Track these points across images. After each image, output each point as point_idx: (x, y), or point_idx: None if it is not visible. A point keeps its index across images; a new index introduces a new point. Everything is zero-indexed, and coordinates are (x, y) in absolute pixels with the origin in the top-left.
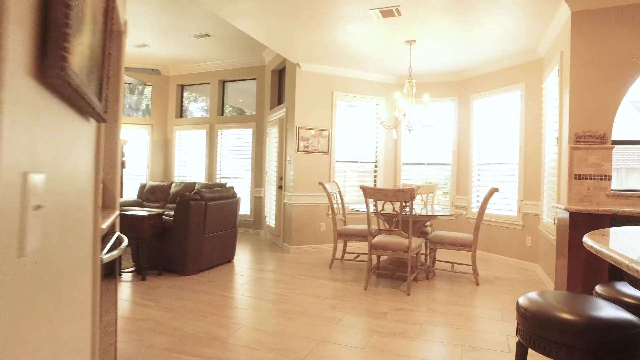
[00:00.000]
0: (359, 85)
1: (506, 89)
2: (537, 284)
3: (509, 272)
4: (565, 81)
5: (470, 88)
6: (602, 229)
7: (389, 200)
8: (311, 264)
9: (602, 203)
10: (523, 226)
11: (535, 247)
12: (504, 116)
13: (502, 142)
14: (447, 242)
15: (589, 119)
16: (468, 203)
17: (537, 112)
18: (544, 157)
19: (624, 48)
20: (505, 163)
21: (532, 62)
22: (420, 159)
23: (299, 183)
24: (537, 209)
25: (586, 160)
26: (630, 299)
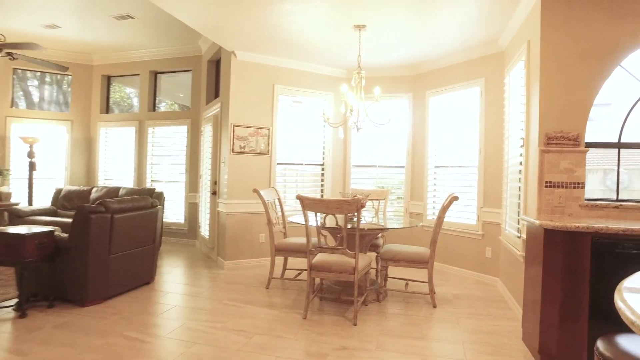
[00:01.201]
0: (304, 79)
1: (465, 84)
2: (499, 303)
3: (468, 288)
4: (533, 74)
5: (426, 83)
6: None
7: (331, 213)
8: (246, 284)
9: (576, 215)
10: (483, 236)
11: (495, 259)
12: (462, 114)
13: (460, 143)
14: (400, 258)
15: (561, 118)
16: (423, 210)
17: (499, 110)
18: (506, 161)
19: (600, 36)
20: (464, 166)
21: (493, 55)
22: (372, 161)
23: (234, 188)
24: (498, 218)
25: (558, 165)
26: None
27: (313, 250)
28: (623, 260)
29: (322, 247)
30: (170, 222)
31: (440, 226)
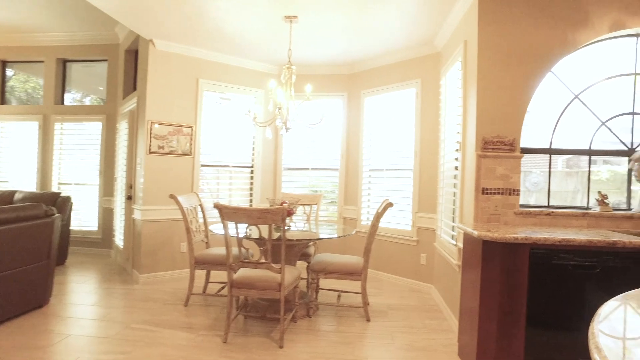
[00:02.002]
0: (232, 74)
1: (401, 85)
2: (434, 313)
3: (403, 297)
4: (470, 75)
5: (361, 83)
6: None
7: (254, 223)
8: (162, 302)
9: (511, 223)
10: (417, 242)
11: (430, 265)
12: (398, 116)
13: (396, 145)
14: (331, 270)
15: (498, 121)
16: (357, 215)
17: (435, 112)
18: (442, 165)
19: (534, 40)
20: (400, 169)
21: (429, 56)
22: (304, 163)
23: (151, 193)
24: (433, 223)
25: (494, 170)
26: None
27: (234, 265)
28: (559, 272)
29: (244, 262)
30: (80, 230)
31: (374, 234)
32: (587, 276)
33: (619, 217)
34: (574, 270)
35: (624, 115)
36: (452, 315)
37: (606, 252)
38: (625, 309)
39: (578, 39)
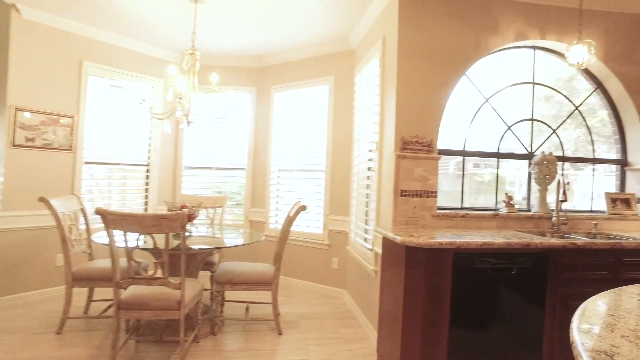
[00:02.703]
0: (127, 59)
1: (314, 81)
2: (349, 320)
3: (315, 305)
4: (389, 73)
5: (271, 77)
6: None
7: (148, 232)
8: (26, 331)
9: (429, 225)
10: (329, 246)
11: (342, 270)
12: (310, 114)
13: (307, 145)
14: (239, 281)
15: (416, 121)
16: (265, 218)
17: (348, 110)
18: (355, 165)
19: (452, 41)
20: (311, 170)
21: (343, 53)
22: (208, 162)
23: (14, 196)
24: (345, 226)
25: (413, 172)
26: None
27: (122, 282)
28: (480, 276)
29: (135, 277)
30: None
31: (286, 240)
32: (504, 278)
33: (523, 217)
34: (494, 273)
35: (526, 121)
36: (367, 322)
37: (521, 254)
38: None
39: (489, 45)
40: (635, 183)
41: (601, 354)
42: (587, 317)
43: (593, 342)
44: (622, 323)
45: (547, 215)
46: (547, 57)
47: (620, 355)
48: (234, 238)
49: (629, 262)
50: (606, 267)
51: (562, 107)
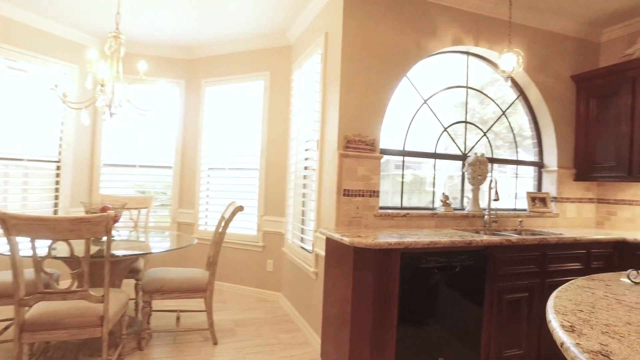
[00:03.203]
0: (34, 39)
1: (248, 76)
2: (287, 325)
3: (250, 309)
4: (332, 70)
5: (203, 70)
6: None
7: (64, 238)
8: None
9: (372, 225)
10: (264, 248)
11: (278, 272)
12: (244, 110)
13: (241, 142)
14: (170, 288)
15: (360, 120)
16: (195, 219)
17: (285, 108)
18: (292, 164)
19: (394, 40)
20: (244, 169)
21: (280, 48)
22: (130, 159)
23: None
24: (280, 227)
25: (356, 171)
26: None
27: (26, 299)
28: (426, 275)
29: (47, 292)
30: None
31: (221, 243)
32: (449, 276)
33: (459, 216)
34: (439, 272)
35: (460, 123)
36: (307, 326)
37: (463, 252)
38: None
39: (429, 47)
40: (550, 183)
41: (598, 355)
42: (563, 315)
43: (583, 342)
44: (594, 319)
45: (480, 214)
46: (478, 63)
47: (615, 355)
48: (161, 242)
49: (552, 256)
50: (534, 261)
51: (490, 111)
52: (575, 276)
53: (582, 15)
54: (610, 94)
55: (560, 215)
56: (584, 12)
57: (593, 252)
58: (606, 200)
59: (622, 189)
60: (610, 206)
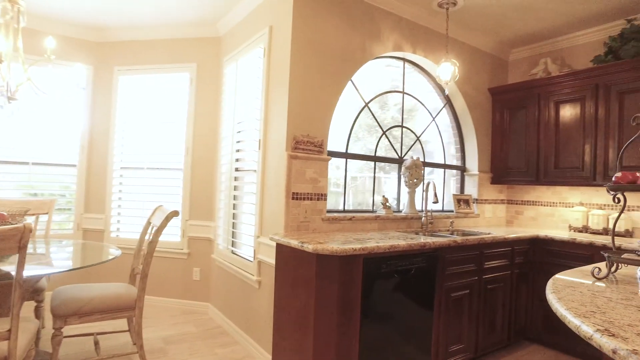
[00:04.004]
0: None
1: (171, 67)
2: (222, 338)
3: (179, 324)
4: (278, 66)
5: (116, 56)
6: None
7: None
8: None
9: (319, 230)
10: (189, 255)
11: (205, 281)
12: (166, 105)
13: (162, 139)
14: (90, 310)
15: (308, 121)
16: (105, 225)
17: (214, 104)
18: (223, 165)
19: (342, 41)
20: (166, 169)
21: (208, 39)
22: (21, 155)
23: None
24: (209, 232)
25: (304, 174)
26: None
27: None
28: (386, 279)
29: None
30: None
31: (153, 253)
32: (406, 279)
33: (399, 218)
34: (398, 275)
35: (397, 127)
36: (247, 338)
37: (418, 254)
38: None
39: (373, 51)
40: (472, 186)
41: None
42: (586, 319)
43: (616, 344)
44: (615, 320)
45: (417, 216)
46: (410, 70)
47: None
48: (66, 252)
49: (488, 254)
50: (473, 260)
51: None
52: (503, 272)
53: (498, 34)
54: (520, 106)
55: (481, 216)
56: (499, 32)
57: (515, 249)
58: (515, 201)
59: (528, 191)
60: (518, 206)
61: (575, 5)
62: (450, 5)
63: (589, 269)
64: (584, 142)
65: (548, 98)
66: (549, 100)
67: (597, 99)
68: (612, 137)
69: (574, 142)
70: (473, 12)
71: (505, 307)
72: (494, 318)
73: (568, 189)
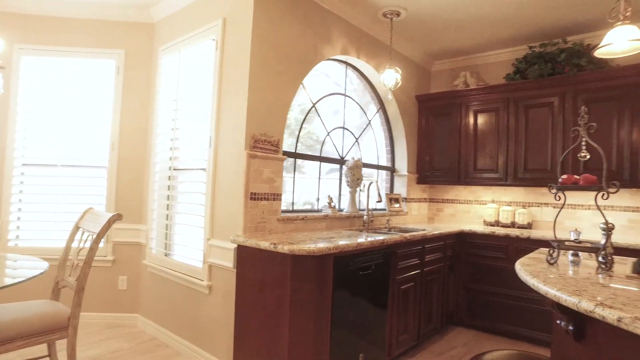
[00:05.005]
0: None
1: (93, 52)
2: (162, 351)
3: (107, 340)
4: (234, 61)
5: (18, 31)
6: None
7: None
8: None
9: (275, 230)
10: (114, 262)
11: (134, 290)
12: (86, 93)
13: (81, 133)
14: (9, 336)
15: (266, 119)
16: (2, 232)
17: (146, 95)
18: (156, 164)
19: (299, 42)
20: (85, 166)
21: (139, 25)
22: None
23: None
24: (138, 236)
25: (262, 173)
26: None
27: None
28: (353, 277)
29: None
30: None
31: (91, 263)
32: (368, 275)
33: (344, 217)
34: (362, 272)
35: (339, 129)
36: (194, 347)
37: (376, 251)
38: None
39: (324, 52)
40: (401, 186)
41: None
42: (580, 296)
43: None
44: (602, 295)
45: (359, 215)
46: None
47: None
48: None
49: (428, 248)
50: (417, 254)
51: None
52: (438, 264)
53: (426, 46)
54: (444, 113)
55: (409, 213)
56: (427, 44)
57: (447, 243)
58: (436, 200)
59: (447, 190)
60: (439, 204)
61: (491, 29)
62: (394, 16)
63: (543, 257)
64: (498, 147)
65: (468, 107)
66: (469, 109)
67: (508, 110)
68: (520, 143)
69: (490, 147)
70: (410, 24)
71: (439, 296)
72: (431, 307)
73: (483, 188)
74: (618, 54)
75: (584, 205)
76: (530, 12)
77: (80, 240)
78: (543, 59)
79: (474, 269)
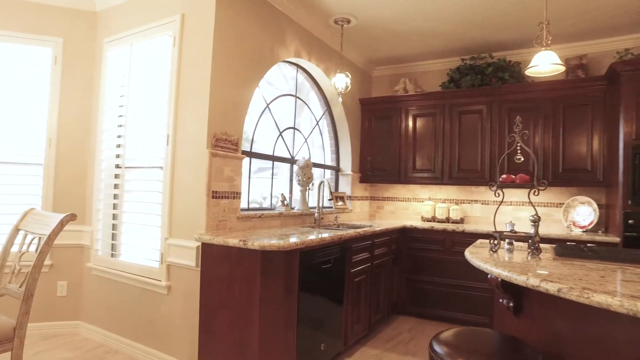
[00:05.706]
0: None
1: (25, 38)
2: (112, 357)
3: (48, 352)
4: (194, 60)
5: None
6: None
7: None
8: None
9: (235, 228)
10: (52, 267)
11: (75, 295)
12: (17, 85)
13: (11, 127)
14: None
15: (227, 118)
16: None
17: (88, 88)
18: (102, 161)
19: (258, 41)
20: (16, 163)
21: (79, 12)
22: None
23: None
24: (80, 238)
25: (223, 172)
26: None
27: None
28: (316, 270)
29: None
30: None
31: (41, 268)
32: (328, 269)
33: (296, 215)
34: (324, 266)
35: (291, 129)
36: (148, 350)
37: (333, 246)
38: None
39: (280, 54)
40: (345, 184)
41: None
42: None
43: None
44: (549, 272)
45: (309, 212)
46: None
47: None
48: None
49: (377, 243)
50: (368, 249)
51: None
52: (385, 258)
53: (369, 52)
54: (386, 116)
55: (353, 211)
56: (371, 51)
57: (392, 237)
58: (377, 198)
59: (387, 189)
60: (380, 202)
61: (428, 41)
62: (344, 23)
63: (484, 246)
64: (434, 149)
65: (408, 111)
66: (408, 113)
67: (444, 116)
68: (454, 146)
69: (427, 148)
70: (358, 31)
71: (386, 287)
72: (379, 297)
73: (420, 187)
74: (543, 74)
75: (506, 201)
76: (461, 30)
77: (22, 244)
78: (474, 70)
79: (415, 261)
